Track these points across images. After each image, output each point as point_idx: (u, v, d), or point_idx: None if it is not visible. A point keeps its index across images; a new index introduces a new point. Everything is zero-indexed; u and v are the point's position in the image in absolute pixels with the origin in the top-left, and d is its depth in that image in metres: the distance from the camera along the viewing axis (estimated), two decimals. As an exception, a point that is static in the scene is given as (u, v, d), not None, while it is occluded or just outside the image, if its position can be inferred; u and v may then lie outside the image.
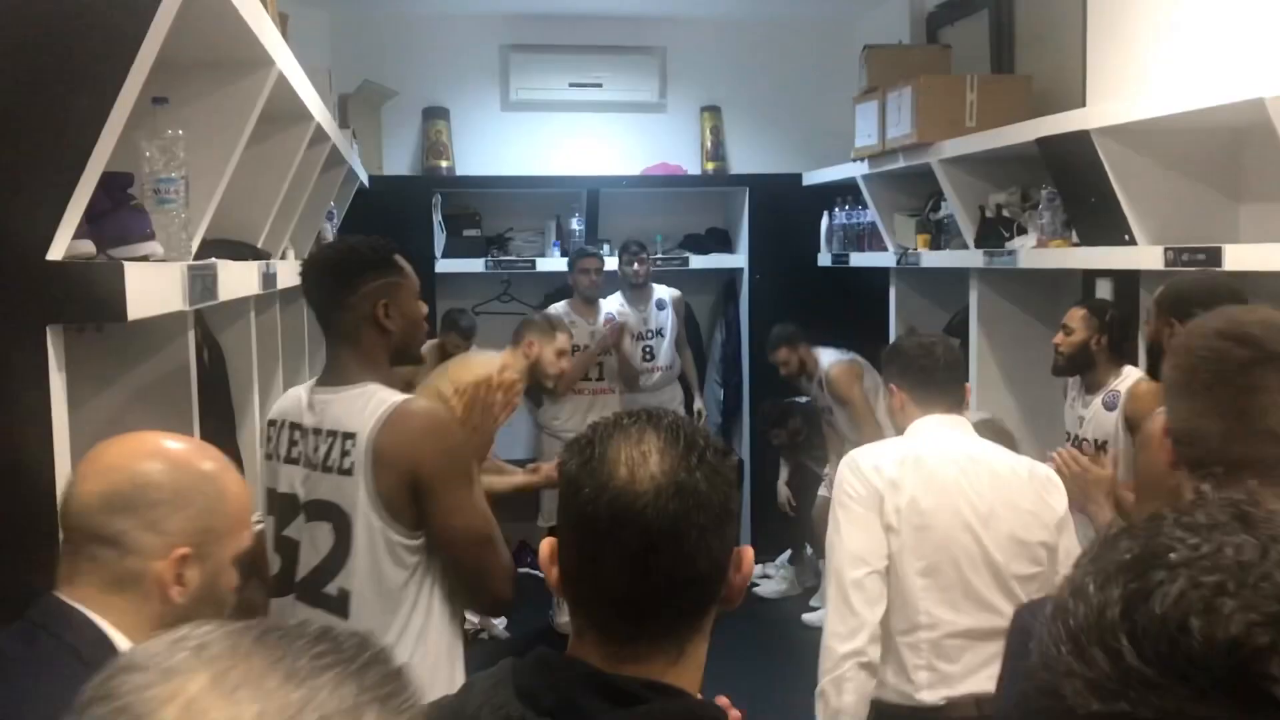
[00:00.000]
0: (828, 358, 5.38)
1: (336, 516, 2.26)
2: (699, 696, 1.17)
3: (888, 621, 2.49)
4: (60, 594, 1.38)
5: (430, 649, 2.28)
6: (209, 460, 1.48)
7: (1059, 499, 2.55)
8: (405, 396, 2.31)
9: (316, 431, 2.30)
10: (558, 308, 5.77)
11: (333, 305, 2.35)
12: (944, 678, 2.46)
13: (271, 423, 2.44)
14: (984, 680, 2.40)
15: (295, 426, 2.34)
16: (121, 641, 1.36)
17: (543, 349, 4.36)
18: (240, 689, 0.60)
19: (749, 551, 1.20)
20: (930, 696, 2.47)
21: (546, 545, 1.22)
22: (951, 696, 2.45)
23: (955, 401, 2.73)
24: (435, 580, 2.29)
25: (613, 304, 6.04)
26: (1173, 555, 0.59)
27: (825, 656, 2.49)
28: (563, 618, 5.10)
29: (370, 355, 2.35)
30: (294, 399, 2.42)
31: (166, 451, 1.44)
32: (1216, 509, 0.63)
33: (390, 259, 2.40)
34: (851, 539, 2.50)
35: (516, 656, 1.19)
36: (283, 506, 2.35)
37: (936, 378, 2.70)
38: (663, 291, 6.15)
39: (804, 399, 5.81)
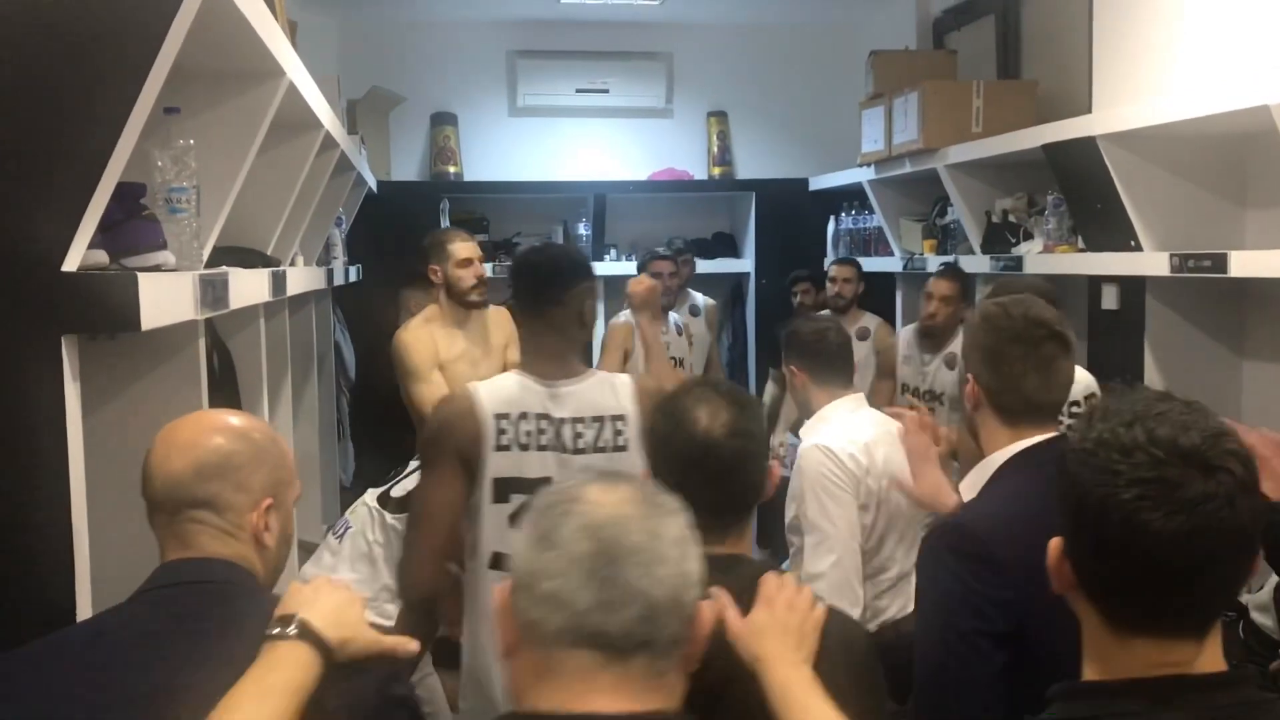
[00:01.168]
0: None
1: None
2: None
3: None
4: (175, 558, 1.59)
5: None
6: (264, 428, 1.74)
7: None
8: (626, 376, 2.73)
9: (577, 419, 2.56)
10: (625, 314, 5.27)
11: (550, 302, 2.63)
12: (878, 611, 2.96)
13: (503, 415, 2.54)
14: (895, 610, 2.97)
15: (543, 417, 2.55)
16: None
17: (446, 268, 4.07)
18: (618, 485, 1.30)
19: (777, 464, 1.85)
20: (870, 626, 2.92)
21: (641, 475, 1.75)
22: (882, 622, 2.95)
23: (848, 378, 3.22)
24: None
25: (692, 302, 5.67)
26: (1154, 412, 1.23)
27: None
28: None
29: (576, 348, 2.68)
30: (518, 392, 2.59)
31: (232, 424, 1.68)
32: (1141, 394, 1.29)
33: (592, 267, 2.80)
34: (845, 524, 2.92)
35: None
36: (537, 489, 2.56)
37: (830, 359, 3.18)
38: (698, 297, 5.76)
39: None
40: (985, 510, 1.96)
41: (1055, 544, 1.30)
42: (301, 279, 3.59)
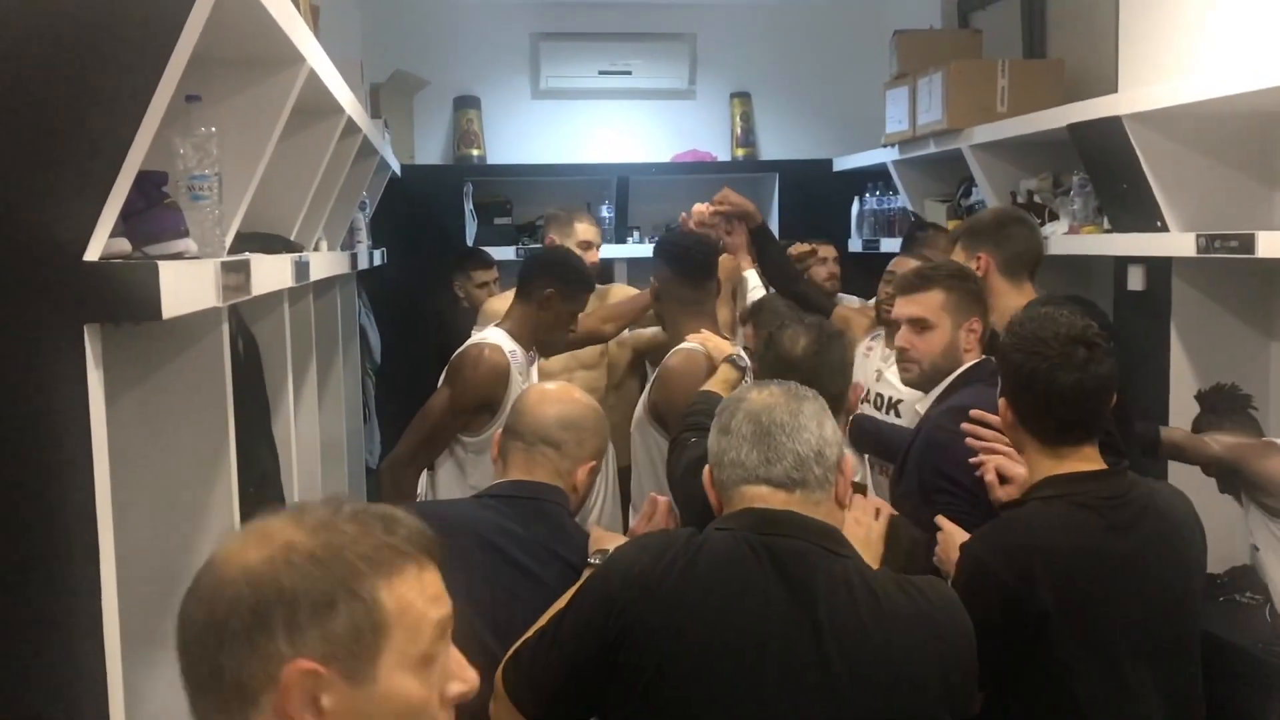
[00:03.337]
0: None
1: None
2: None
3: None
4: (521, 478, 2.31)
5: None
6: (599, 408, 2.46)
7: None
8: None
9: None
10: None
11: (710, 276, 3.44)
12: None
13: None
14: None
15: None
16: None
17: (566, 245, 3.99)
18: (768, 385, 2.05)
19: (860, 383, 2.99)
20: None
21: None
22: None
23: None
24: None
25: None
26: (1054, 316, 2.24)
27: None
28: None
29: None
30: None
31: (588, 401, 2.45)
32: (1045, 308, 2.42)
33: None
34: None
35: None
36: None
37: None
38: None
39: None
40: (968, 401, 2.67)
41: (1002, 402, 2.27)
42: (325, 264, 3.60)
